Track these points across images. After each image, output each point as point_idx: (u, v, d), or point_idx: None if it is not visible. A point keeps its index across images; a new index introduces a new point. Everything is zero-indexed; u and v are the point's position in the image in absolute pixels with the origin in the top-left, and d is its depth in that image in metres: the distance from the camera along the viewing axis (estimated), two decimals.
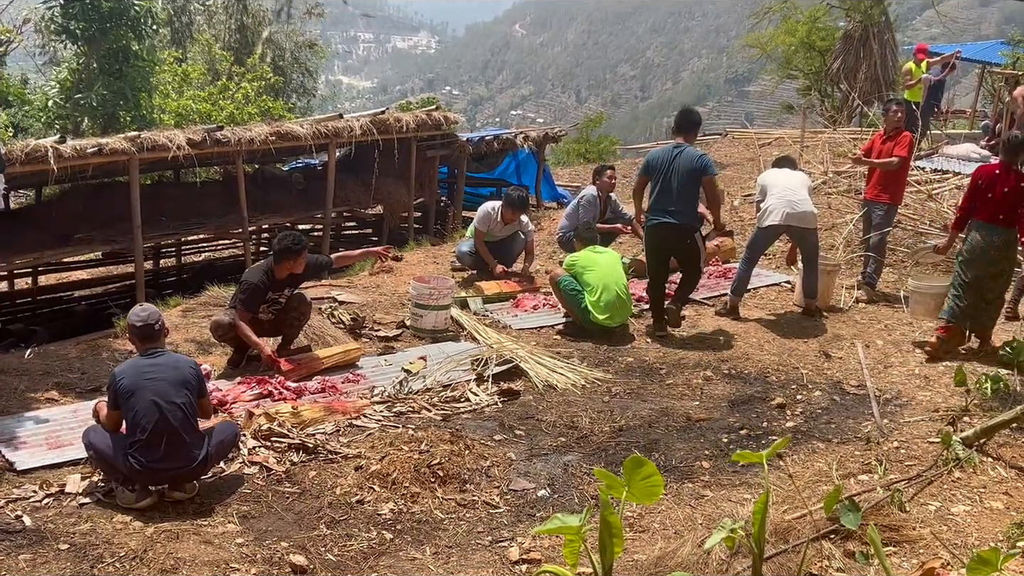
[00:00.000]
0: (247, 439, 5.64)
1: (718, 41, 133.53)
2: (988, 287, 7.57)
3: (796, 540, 4.30)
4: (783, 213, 8.53)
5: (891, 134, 9.40)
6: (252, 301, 7.04)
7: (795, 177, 8.97)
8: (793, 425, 6.31)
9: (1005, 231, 7.41)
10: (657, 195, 8.23)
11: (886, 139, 9.40)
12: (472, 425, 6.19)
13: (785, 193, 8.66)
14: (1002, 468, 5.25)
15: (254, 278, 7.08)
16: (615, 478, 3.31)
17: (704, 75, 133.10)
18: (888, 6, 27.28)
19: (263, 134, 12.71)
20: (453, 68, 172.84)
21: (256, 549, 4.50)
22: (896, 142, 9.26)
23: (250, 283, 7.06)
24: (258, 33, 30.77)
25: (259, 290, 7.04)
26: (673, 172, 8.12)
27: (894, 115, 9.45)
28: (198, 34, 29.64)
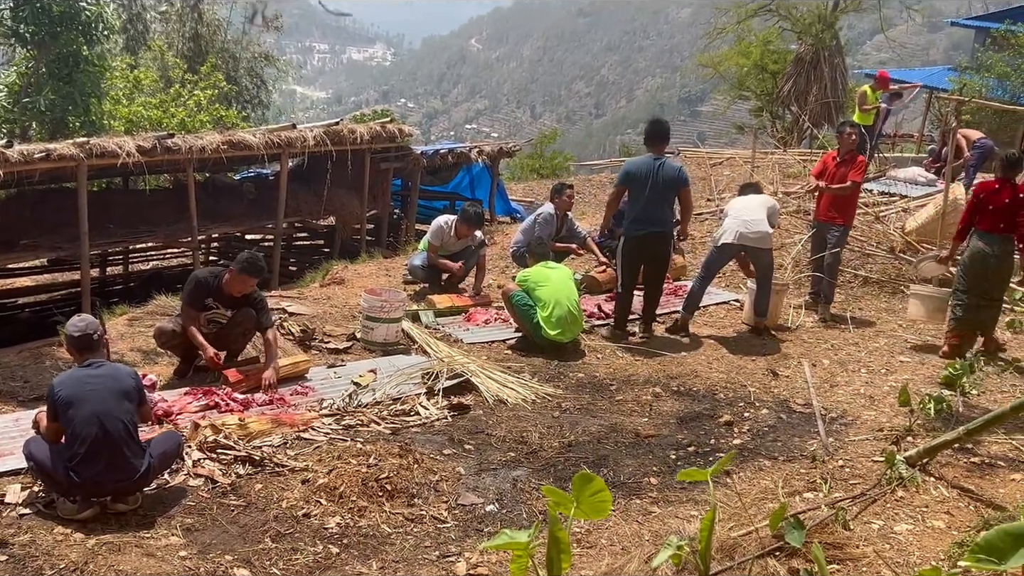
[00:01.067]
0: (192, 451, 5.57)
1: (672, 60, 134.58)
2: (988, 289, 8.18)
3: (742, 557, 4.32)
4: (737, 232, 8.67)
5: (845, 157, 9.47)
6: (195, 295, 6.95)
7: (755, 200, 9.13)
8: (740, 442, 6.36)
9: (1003, 239, 8.13)
10: (643, 206, 8.40)
11: (840, 162, 9.47)
12: (421, 439, 6.17)
13: (741, 214, 8.84)
14: (944, 488, 5.33)
15: (200, 275, 7.07)
16: (563, 494, 3.31)
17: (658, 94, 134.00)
18: (839, 31, 27.78)
19: (214, 142, 12.62)
20: (408, 81, 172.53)
21: (200, 562, 4.44)
22: (852, 166, 9.36)
23: (196, 278, 7.01)
24: (213, 42, 30.54)
25: (203, 286, 6.96)
26: (657, 183, 8.33)
27: (848, 137, 9.55)
28: (151, 41, 29.35)
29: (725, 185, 16.51)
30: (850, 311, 9.74)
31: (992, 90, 21.56)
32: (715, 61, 31.99)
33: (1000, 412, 5.29)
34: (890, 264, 11.12)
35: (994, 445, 6.06)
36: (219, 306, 7.11)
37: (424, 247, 10.24)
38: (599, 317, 9.26)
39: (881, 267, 11.07)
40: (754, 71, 29.89)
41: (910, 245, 11.26)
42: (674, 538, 3.59)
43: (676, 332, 8.91)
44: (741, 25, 30.54)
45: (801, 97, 25.94)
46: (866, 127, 15.41)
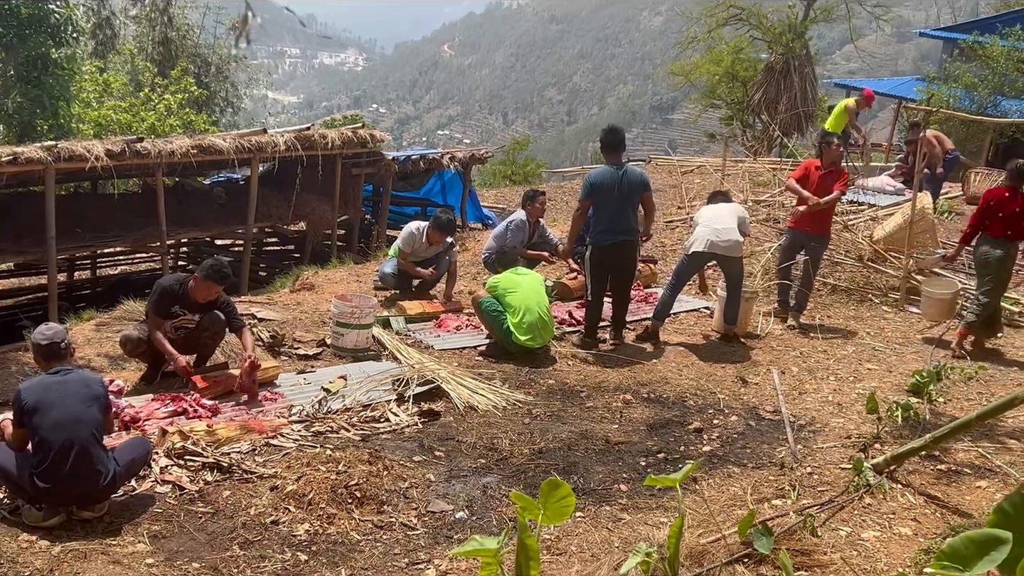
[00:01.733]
0: (160, 457, 5.53)
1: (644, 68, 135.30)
2: (994, 288, 8.77)
3: (710, 564, 4.34)
4: (707, 241, 8.71)
5: (830, 168, 9.47)
6: (161, 304, 6.91)
7: (725, 208, 9.18)
8: (710, 449, 6.39)
9: (1008, 244, 8.65)
10: (612, 215, 8.41)
11: (825, 173, 9.46)
12: (391, 446, 6.15)
13: (711, 222, 8.89)
14: (911, 495, 5.37)
15: (166, 282, 7.02)
16: (532, 500, 3.31)
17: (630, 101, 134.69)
18: (809, 40, 27.97)
19: (184, 147, 12.54)
20: (380, 86, 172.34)
21: (167, 570, 4.41)
22: (839, 178, 9.43)
23: (161, 286, 6.96)
24: (183, 46, 30.36)
25: (168, 295, 6.92)
26: (623, 191, 8.36)
27: (837, 149, 9.59)
28: (121, 45, 29.15)
29: (696, 193, 16.58)
30: (819, 319, 9.80)
31: (960, 100, 21.78)
32: (686, 69, 32.15)
33: (966, 420, 5.34)
34: (858, 272, 11.20)
35: (960, 453, 6.11)
36: (186, 312, 7.07)
37: (394, 253, 10.22)
38: (570, 324, 9.28)
39: (850, 275, 11.15)
40: (725, 79, 30.08)
41: (878, 254, 11.35)
42: (643, 545, 3.60)
43: (647, 340, 8.94)
44: (712, 34, 30.71)
45: (771, 106, 26.09)
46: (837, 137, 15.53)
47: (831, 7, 30.52)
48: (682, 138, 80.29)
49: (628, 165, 8.64)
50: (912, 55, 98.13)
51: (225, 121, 30.08)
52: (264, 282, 14.64)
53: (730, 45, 29.94)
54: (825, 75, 38.88)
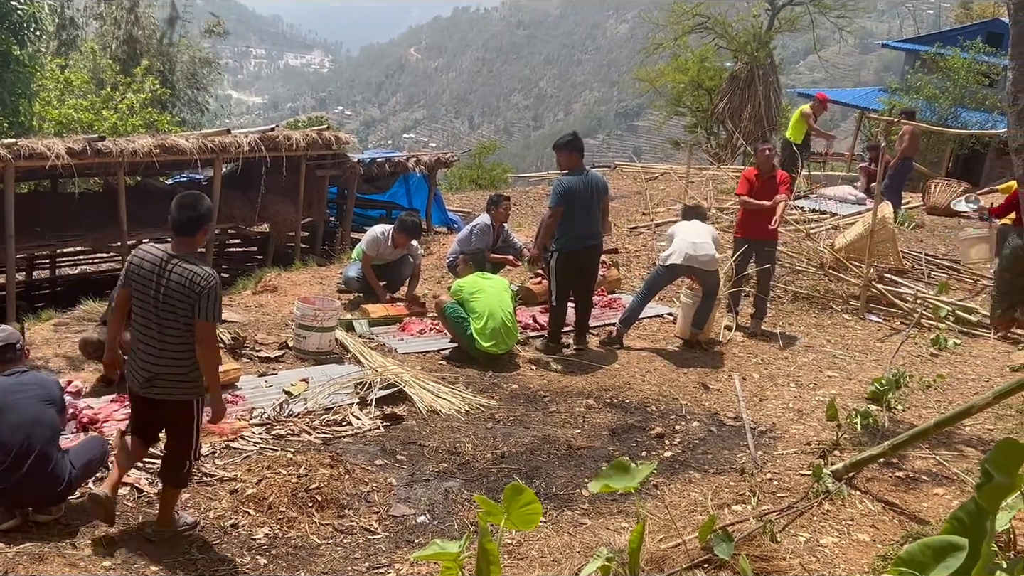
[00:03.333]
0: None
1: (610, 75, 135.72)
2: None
3: (671, 569, 4.36)
4: (685, 254, 8.81)
5: (771, 173, 9.62)
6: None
7: (700, 226, 9.29)
8: (671, 455, 6.41)
9: None
10: (581, 221, 8.47)
11: (767, 179, 9.60)
12: (353, 449, 6.12)
13: (688, 236, 8.99)
14: (869, 501, 5.42)
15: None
16: (494, 505, 3.31)
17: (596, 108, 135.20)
18: (773, 50, 28.23)
19: (146, 146, 12.44)
20: (346, 88, 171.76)
21: (124, 573, 4.37)
22: (781, 182, 9.56)
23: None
24: (148, 45, 30.09)
25: None
26: (590, 197, 8.46)
27: (762, 153, 9.80)
28: (83, 42, 28.84)
29: (660, 199, 16.68)
30: (779, 326, 9.88)
31: (921, 112, 22.06)
32: (652, 76, 32.34)
33: (924, 428, 5.40)
34: (820, 280, 11.30)
35: (918, 460, 6.18)
36: None
37: (358, 256, 10.18)
38: (534, 329, 9.28)
39: (811, 283, 11.25)
40: (690, 87, 30.28)
41: (839, 262, 11.46)
42: (604, 550, 3.61)
43: (611, 344, 8.97)
44: (678, 42, 30.92)
45: (736, 114, 26.32)
46: (797, 145, 15.71)
47: (795, 17, 30.85)
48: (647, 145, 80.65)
49: (590, 170, 8.77)
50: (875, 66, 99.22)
51: (191, 120, 29.84)
52: (226, 284, 14.50)
53: (696, 53, 30.15)
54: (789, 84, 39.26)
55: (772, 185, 9.53)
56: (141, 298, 4.73)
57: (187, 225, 4.77)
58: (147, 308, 4.70)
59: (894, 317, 10.58)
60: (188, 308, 4.63)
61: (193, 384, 4.78)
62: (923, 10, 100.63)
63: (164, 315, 4.66)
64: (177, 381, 4.74)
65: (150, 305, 4.69)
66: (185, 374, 4.74)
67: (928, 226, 15.12)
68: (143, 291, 4.71)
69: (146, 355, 4.73)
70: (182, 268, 4.66)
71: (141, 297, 4.73)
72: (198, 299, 4.61)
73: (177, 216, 4.77)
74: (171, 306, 4.64)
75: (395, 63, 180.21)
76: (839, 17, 31.98)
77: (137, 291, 4.75)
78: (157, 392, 4.76)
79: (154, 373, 4.72)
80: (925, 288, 11.51)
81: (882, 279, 11.40)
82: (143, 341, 4.74)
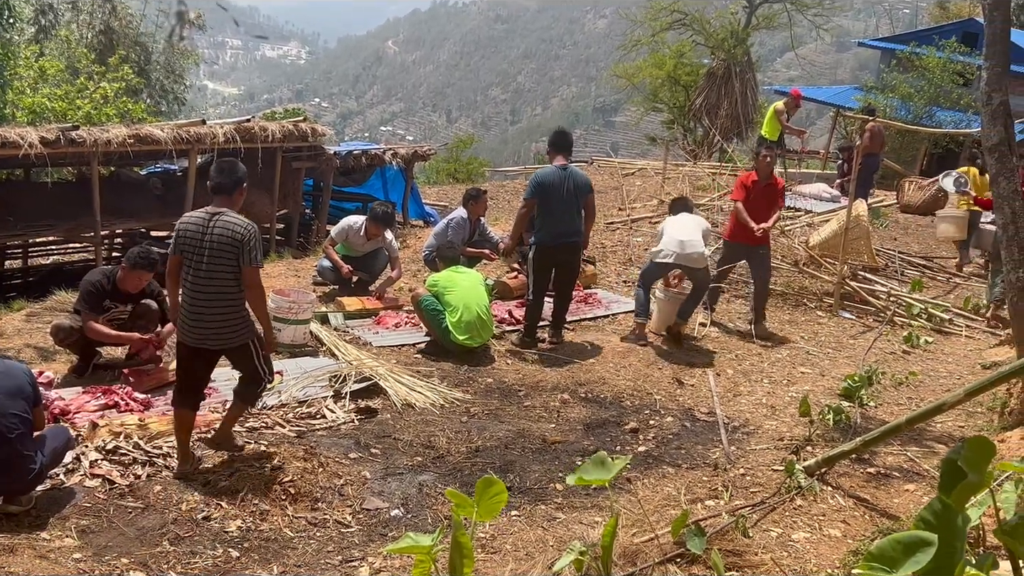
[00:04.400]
0: (90, 451, 5.42)
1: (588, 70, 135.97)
2: None
3: (643, 563, 4.37)
4: (675, 253, 8.84)
5: (769, 180, 9.46)
6: (91, 301, 6.79)
7: (691, 220, 9.31)
8: (645, 450, 6.43)
9: None
10: (557, 216, 8.49)
11: (764, 186, 9.44)
12: (327, 442, 6.10)
13: (678, 233, 8.98)
14: (841, 497, 5.46)
15: (93, 278, 6.90)
16: (466, 498, 3.31)
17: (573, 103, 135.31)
18: (750, 47, 28.33)
19: (121, 136, 12.33)
20: (323, 80, 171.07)
21: (95, 565, 4.34)
22: (776, 190, 9.51)
23: (89, 282, 6.84)
24: (125, 35, 29.86)
25: (96, 292, 6.80)
26: (568, 193, 8.45)
27: (763, 160, 9.59)
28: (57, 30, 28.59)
29: (636, 195, 16.71)
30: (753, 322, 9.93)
31: (896, 110, 22.21)
32: (629, 72, 32.38)
33: (896, 424, 5.44)
34: (794, 277, 11.36)
35: (889, 456, 6.23)
36: (117, 305, 6.95)
37: None
38: (510, 323, 9.28)
39: (785, 280, 11.30)
40: (667, 83, 30.34)
41: (813, 259, 11.53)
42: (576, 543, 3.62)
43: (636, 341, 8.94)
44: (656, 38, 30.98)
45: (712, 111, 26.41)
46: (772, 142, 15.79)
47: (773, 15, 30.96)
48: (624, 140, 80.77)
49: (572, 167, 8.72)
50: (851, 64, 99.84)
51: (168, 111, 29.63)
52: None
53: (673, 49, 30.21)
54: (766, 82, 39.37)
55: (770, 192, 9.44)
56: (191, 257, 5.31)
57: (226, 185, 5.45)
58: (198, 266, 5.28)
59: (867, 314, 10.67)
60: (233, 257, 5.25)
61: (245, 329, 5.44)
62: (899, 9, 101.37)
63: (213, 268, 5.26)
64: (229, 331, 5.37)
65: (201, 262, 5.27)
66: (236, 323, 5.39)
67: (902, 224, 15.24)
68: (192, 250, 5.30)
69: (199, 312, 5.31)
70: (224, 221, 5.30)
71: (190, 256, 5.31)
72: (241, 246, 5.24)
73: (217, 178, 5.46)
74: (218, 258, 5.26)
75: (372, 55, 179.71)
76: (816, 15, 32.12)
77: (187, 252, 5.32)
78: (213, 344, 5.40)
79: (208, 327, 5.32)
80: (898, 286, 11.61)
81: (856, 276, 11.49)
82: (195, 299, 5.31)
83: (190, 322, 5.35)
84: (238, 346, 5.45)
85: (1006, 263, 6.71)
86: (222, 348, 5.43)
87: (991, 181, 6.77)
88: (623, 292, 10.78)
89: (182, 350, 5.52)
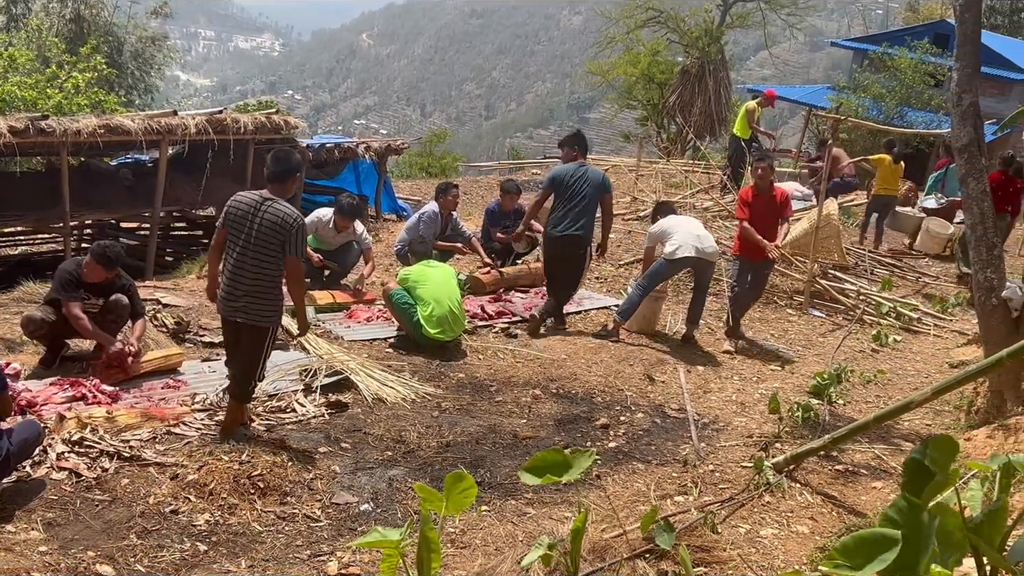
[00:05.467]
0: (56, 443, 5.37)
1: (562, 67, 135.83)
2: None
3: (612, 559, 4.38)
4: (693, 247, 8.79)
5: (770, 192, 9.02)
6: (67, 288, 6.72)
7: (693, 220, 9.53)
8: (615, 446, 6.45)
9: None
10: (566, 210, 8.81)
11: (767, 199, 8.99)
12: (297, 436, 6.08)
13: (691, 229, 9.04)
14: (809, 494, 5.50)
15: (68, 267, 6.84)
16: (434, 492, 3.30)
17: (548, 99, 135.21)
18: (724, 45, 28.44)
19: (91, 126, 12.23)
20: (297, 73, 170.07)
21: (60, 558, 4.29)
22: (779, 201, 9.03)
23: (64, 271, 6.78)
24: (95, 24, 29.58)
25: (72, 280, 6.74)
26: (582, 188, 8.77)
27: (755, 172, 9.28)
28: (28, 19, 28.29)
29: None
30: (725, 320, 9.97)
31: (868, 110, 22.38)
32: (604, 69, 32.42)
33: (864, 422, 5.48)
34: None
35: (857, 454, 6.28)
36: (89, 296, 6.89)
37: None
38: (482, 318, 9.27)
39: None
40: (642, 81, 30.39)
41: (784, 257, 11.59)
42: (545, 539, 3.62)
43: (607, 337, 8.96)
44: (630, 35, 31.04)
45: (686, 108, 26.49)
46: (745, 141, 15.87)
47: (747, 14, 31.13)
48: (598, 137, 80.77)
49: (591, 166, 9.08)
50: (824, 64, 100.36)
51: (140, 102, 29.39)
52: (170, 267, 14.36)
53: (647, 47, 30.28)
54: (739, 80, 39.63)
55: (772, 204, 9.00)
56: (236, 235, 5.65)
57: (280, 174, 5.75)
58: (245, 245, 5.61)
59: (837, 313, 10.75)
60: (279, 244, 5.59)
61: (274, 313, 5.80)
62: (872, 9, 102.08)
63: (257, 249, 5.59)
64: (260, 309, 5.70)
65: (248, 242, 5.60)
66: (267, 304, 5.73)
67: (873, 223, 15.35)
68: (238, 229, 5.63)
69: (235, 285, 5.64)
70: (275, 208, 5.61)
71: (236, 234, 5.65)
72: (288, 236, 5.59)
73: (272, 167, 5.76)
74: (263, 242, 5.59)
75: (347, 49, 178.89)
76: (790, 15, 32.34)
77: (233, 229, 5.66)
78: (243, 316, 5.70)
79: (244, 301, 5.65)
80: (868, 284, 11.70)
81: (826, 275, 11.56)
82: (235, 274, 5.65)
83: (225, 294, 5.70)
84: (261, 327, 5.74)
85: (974, 263, 6.78)
86: (247, 323, 5.71)
87: (960, 181, 6.83)
88: (595, 288, 10.79)
89: (222, 320, 5.93)
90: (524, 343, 8.72)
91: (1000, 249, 6.74)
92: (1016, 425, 5.93)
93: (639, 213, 13.94)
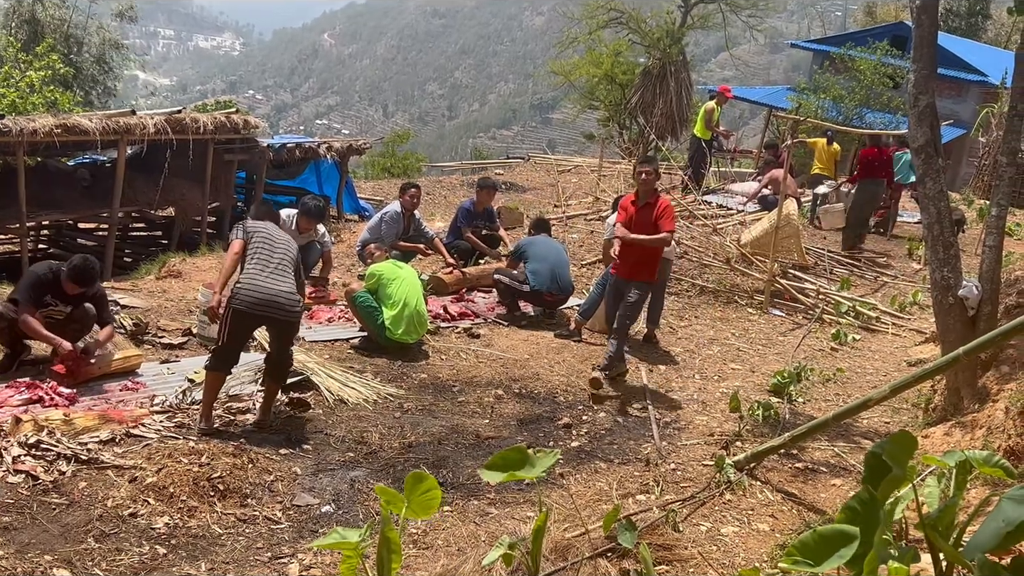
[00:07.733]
0: (12, 446, 5.29)
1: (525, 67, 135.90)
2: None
3: (574, 558, 4.39)
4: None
5: (648, 200, 7.78)
6: (33, 295, 6.62)
7: None
8: (578, 445, 6.46)
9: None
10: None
11: (642, 207, 7.79)
12: (257, 438, 6.03)
13: None
14: (769, 492, 5.54)
15: (39, 270, 6.74)
16: (395, 493, 3.29)
17: (511, 99, 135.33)
18: (686, 46, 28.56)
19: (48, 126, 12.06)
20: (258, 72, 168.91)
21: (16, 562, 4.23)
22: (662, 212, 7.70)
23: (35, 273, 6.68)
24: (51, 23, 29.23)
25: (40, 285, 6.64)
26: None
27: (638, 176, 7.90)
28: None
29: (572, 192, 16.78)
30: (686, 320, 10.02)
31: (827, 111, 22.57)
32: (566, 69, 32.43)
33: (823, 420, 5.53)
34: (725, 275, 11.49)
35: (817, 452, 6.34)
36: (57, 303, 6.79)
37: None
38: (445, 319, 9.25)
39: (717, 277, 11.43)
40: (604, 81, 30.44)
41: (745, 257, 11.67)
42: (506, 538, 3.61)
43: (570, 337, 8.98)
44: (592, 35, 31.09)
45: (648, 109, 26.54)
46: (706, 142, 15.97)
47: (708, 15, 31.28)
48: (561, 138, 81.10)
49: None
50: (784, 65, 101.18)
51: (99, 103, 29.05)
52: (129, 268, 14.20)
53: (609, 48, 30.34)
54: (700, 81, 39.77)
55: (649, 214, 7.72)
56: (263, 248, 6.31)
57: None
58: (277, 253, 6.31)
59: (797, 312, 10.83)
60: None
61: (302, 311, 6.53)
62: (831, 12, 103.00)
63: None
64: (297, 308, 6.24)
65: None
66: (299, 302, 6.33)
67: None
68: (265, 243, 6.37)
69: (278, 288, 6.09)
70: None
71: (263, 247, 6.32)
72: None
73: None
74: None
75: (308, 48, 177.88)
76: (750, 16, 32.54)
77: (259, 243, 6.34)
78: (281, 315, 6.11)
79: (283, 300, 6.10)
80: (827, 284, 11.80)
81: (786, 274, 11.65)
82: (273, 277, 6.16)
83: (260, 294, 6.03)
84: (296, 322, 6.34)
85: (931, 263, 6.86)
86: (287, 320, 6.15)
87: (918, 181, 6.90)
88: None
89: (239, 319, 6.01)
90: (486, 343, 8.71)
91: (957, 248, 6.82)
92: (973, 422, 6.00)
93: (601, 213, 13.96)
